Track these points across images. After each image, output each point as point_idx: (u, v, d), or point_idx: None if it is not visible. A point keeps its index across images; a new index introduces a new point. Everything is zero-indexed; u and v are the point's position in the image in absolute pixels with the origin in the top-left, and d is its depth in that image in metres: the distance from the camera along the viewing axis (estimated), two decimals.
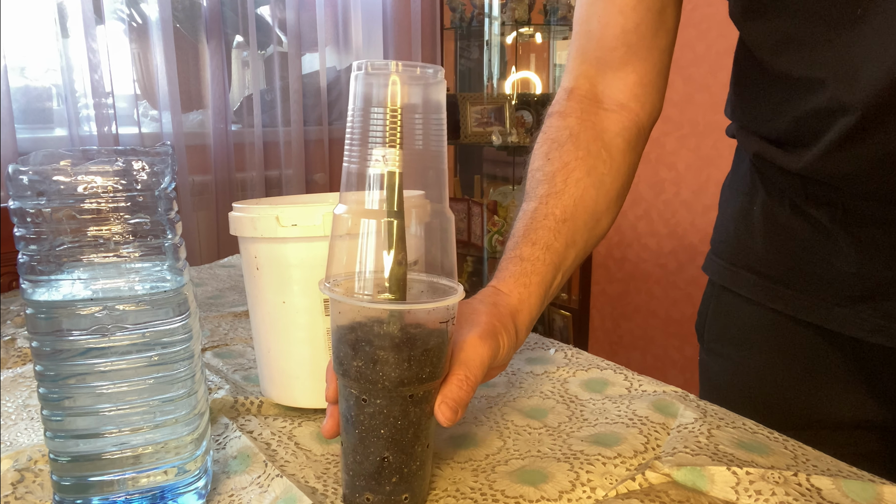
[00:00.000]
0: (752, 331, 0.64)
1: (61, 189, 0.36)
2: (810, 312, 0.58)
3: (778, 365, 0.62)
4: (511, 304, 0.50)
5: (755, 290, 0.62)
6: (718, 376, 0.68)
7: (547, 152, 0.59)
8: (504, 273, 0.52)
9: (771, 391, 0.63)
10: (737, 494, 0.43)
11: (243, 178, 2.11)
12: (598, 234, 0.58)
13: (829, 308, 0.56)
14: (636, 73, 0.60)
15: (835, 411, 0.60)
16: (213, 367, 0.65)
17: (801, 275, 0.58)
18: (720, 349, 0.67)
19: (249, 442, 0.50)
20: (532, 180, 0.58)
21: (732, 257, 0.64)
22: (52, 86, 1.79)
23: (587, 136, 0.59)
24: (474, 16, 2.34)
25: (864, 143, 0.46)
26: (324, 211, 0.49)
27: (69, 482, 0.38)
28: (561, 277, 0.55)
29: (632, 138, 0.61)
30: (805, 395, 0.61)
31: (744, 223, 0.63)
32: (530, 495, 0.43)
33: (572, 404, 0.57)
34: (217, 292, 0.94)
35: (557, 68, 2.52)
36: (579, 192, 0.56)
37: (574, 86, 0.62)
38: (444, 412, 0.40)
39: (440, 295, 0.41)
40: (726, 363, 0.66)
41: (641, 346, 2.29)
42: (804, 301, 0.58)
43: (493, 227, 2.37)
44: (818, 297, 0.57)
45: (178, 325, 0.39)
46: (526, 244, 0.53)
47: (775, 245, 0.59)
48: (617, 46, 0.60)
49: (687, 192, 2.05)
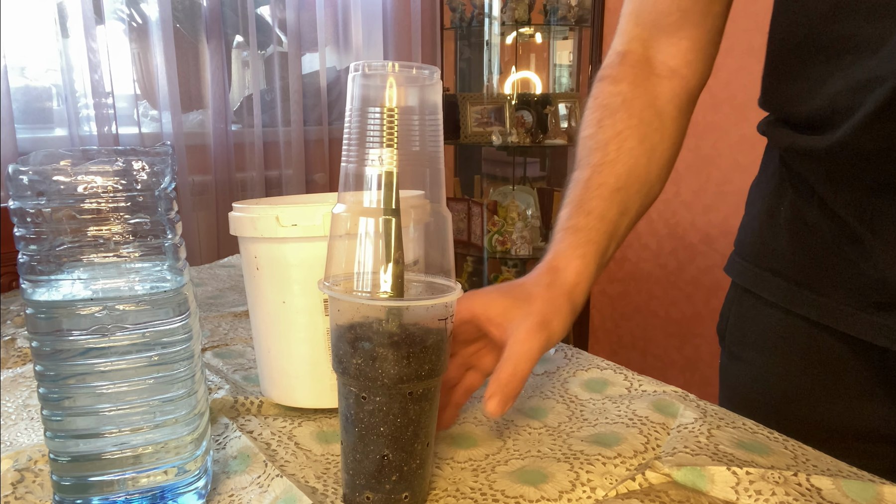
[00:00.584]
0: (773, 336, 0.62)
1: (61, 189, 0.36)
2: (834, 318, 0.56)
3: (798, 372, 0.60)
4: (568, 282, 0.50)
5: (778, 293, 0.60)
6: (738, 381, 0.66)
7: (599, 119, 0.59)
8: (561, 245, 0.53)
9: (791, 399, 0.61)
10: (737, 494, 0.43)
11: (243, 178, 2.11)
12: (649, 201, 0.59)
13: (853, 314, 0.54)
14: (689, 38, 0.60)
15: (857, 423, 0.58)
16: (213, 367, 0.65)
17: (825, 278, 0.56)
18: (741, 353, 0.66)
19: (249, 442, 0.50)
20: (584, 148, 0.58)
21: (756, 259, 0.63)
22: (52, 86, 1.79)
23: (640, 104, 0.59)
24: (474, 16, 2.34)
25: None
26: (324, 211, 0.49)
27: (69, 482, 0.38)
28: (615, 246, 0.55)
29: (683, 105, 0.61)
30: (826, 406, 0.59)
31: (769, 224, 0.61)
32: (530, 495, 0.43)
33: (572, 404, 0.57)
34: (217, 292, 0.94)
35: (557, 68, 2.52)
36: (632, 161, 0.56)
37: (627, 49, 0.62)
38: (492, 405, 0.42)
39: (438, 294, 0.42)
40: (746, 368, 0.65)
41: (641, 346, 2.29)
42: (828, 306, 0.56)
43: (493, 227, 2.37)
44: (842, 303, 0.55)
45: (178, 325, 0.39)
46: (581, 214, 0.54)
47: (801, 247, 0.58)
48: (672, 11, 0.60)
49: (687, 192, 2.05)
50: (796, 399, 0.61)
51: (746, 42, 1.84)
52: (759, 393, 0.64)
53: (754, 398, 0.64)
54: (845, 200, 0.53)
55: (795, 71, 0.55)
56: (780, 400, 0.62)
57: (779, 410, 0.61)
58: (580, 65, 2.41)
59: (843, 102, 0.50)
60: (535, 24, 2.32)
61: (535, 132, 2.38)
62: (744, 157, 1.87)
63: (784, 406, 0.61)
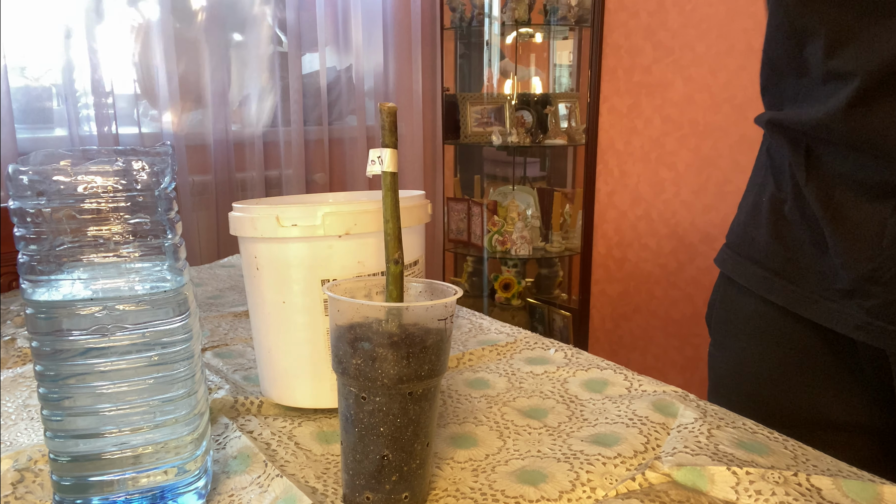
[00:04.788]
0: (751, 324, 0.64)
1: (61, 189, 0.36)
2: (802, 305, 0.58)
3: (773, 359, 0.63)
4: None
5: (754, 281, 0.63)
6: (721, 368, 0.69)
7: None
8: None
9: (767, 386, 0.63)
10: (737, 494, 0.43)
11: (243, 178, 2.11)
12: None
13: (818, 301, 0.57)
14: None
15: (829, 412, 0.60)
16: (213, 367, 0.65)
17: (797, 267, 0.59)
18: (723, 340, 0.68)
19: (249, 442, 0.50)
20: None
21: (739, 248, 0.65)
22: (52, 86, 1.79)
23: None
24: (474, 16, 2.34)
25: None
26: (324, 211, 0.49)
27: (69, 482, 0.38)
28: None
29: None
30: (799, 393, 0.61)
31: (753, 215, 0.64)
32: (530, 495, 0.43)
33: (572, 404, 0.57)
34: (217, 292, 0.94)
35: (557, 68, 2.52)
36: None
37: None
38: None
39: (438, 295, 0.42)
40: (728, 354, 0.67)
41: (641, 346, 2.28)
42: (797, 294, 0.59)
43: (493, 227, 2.37)
44: (809, 290, 0.58)
45: (178, 325, 0.39)
46: None
47: (777, 237, 0.60)
48: None
49: (687, 192, 2.05)
50: (771, 386, 0.63)
51: (746, 42, 1.84)
52: (738, 380, 0.66)
53: (734, 386, 0.66)
54: (814, 191, 0.55)
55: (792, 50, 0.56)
56: (757, 387, 0.64)
57: (757, 397, 0.63)
58: (580, 65, 2.41)
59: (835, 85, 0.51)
60: (535, 24, 2.32)
61: (535, 132, 2.37)
62: (744, 157, 1.87)
63: (761, 393, 0.63)
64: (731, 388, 0.66)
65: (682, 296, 2.13)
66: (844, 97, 0.49)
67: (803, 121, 0.54)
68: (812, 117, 0.53)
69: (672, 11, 2.00)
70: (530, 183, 2.56)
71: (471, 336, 0.74)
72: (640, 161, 2.18)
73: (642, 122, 2.15)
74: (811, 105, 0.54)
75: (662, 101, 2.08)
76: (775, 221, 0.61)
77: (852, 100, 0.49)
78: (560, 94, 2.43)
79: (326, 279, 0.50)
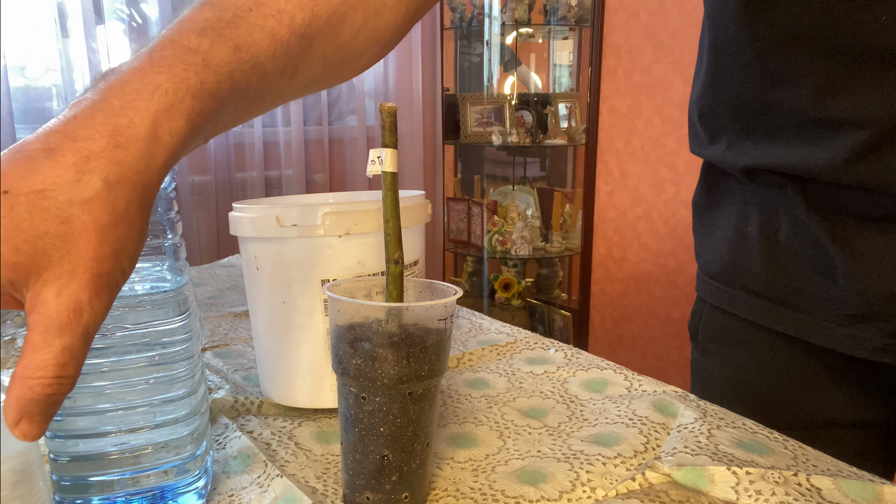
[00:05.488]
0: (741, 336, 0.63)
1: None
2: (812, 333, 0.57)
3: (768, 363, 0.62)
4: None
5: (757, 312, 0.61)
6: (712, 375, 0.68)
7: None
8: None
9: (763, 389, 0.62)
10: (737, 494, 0.43)
11: (243, 178, 2.11)
12: None
13: (829, 328, 0.56)
14: None
15: (826, 411, 0.59)
16: (213, 367, 0.65)
17: (800, 295, 0.57)
18: (714, 349, 0.67)
19: (249, 442, 0.50)
20: None
21: (728, 279, 0.63)
22: (52, 86, 1.79)
23: None
24: (474, 16, 2.34)
25: None
26: (324, 211, 0.49)
27: (69, 482, 0.38)
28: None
29: None
30: (796, 394, 0.60)
31: (738, 244, 0.62)
32: (530, 495, 0.43)
33: (572, 404, 0.57)
34: (217, 292, 0.94)
35: (557, 68, 2.52)
36: None
37: None
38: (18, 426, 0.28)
39: (438, 295, 0.42)
40: (720, 361, 0.66)
41: (641, 346, 2.29)
42: (805, 322, 0.57)
43: (493, 227, 2.37)
44: (819, 318, 0.56)
45: (178, 325, 0.39)
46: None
47: (774, 266, 0.59)
48: None
49: (687, 192, 2.05)
50: (767, 388, 0.62)
51: None
52: (732, 385, 0.65)
53: (728, 390, 0.65)
54: (816, 219, 0.54)
55: None
56: (752, 390, 0.63)
57: (753, 400, 0.62)
58: (580, 65, 2.41)
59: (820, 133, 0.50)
60: (535, 24, 2.32)
61: (535, 132, 2.38)
62: None
63: (757, 396, 0.63)
64: (725, 394, 0.64)
65: (682, 296, 2.13)
66: (851, 144, 0.48)
67: (801, 166, 0.53)
68: (814, 163, 0.51)
69: (672, 11, 2.00)
70: (530, 183, 2.56)
71: (471, 336, 0.74)
72: (640, 161, 2.18)
73: (642, 122, 2.15)
74: (801, 147, 0.52)
75: (662, 101, 2.08)
76: (769, 250, 0.59)
77: (864, 147, 0.48)
78: (560, 94, 2.43)
79: (326, 279, 0.51)
